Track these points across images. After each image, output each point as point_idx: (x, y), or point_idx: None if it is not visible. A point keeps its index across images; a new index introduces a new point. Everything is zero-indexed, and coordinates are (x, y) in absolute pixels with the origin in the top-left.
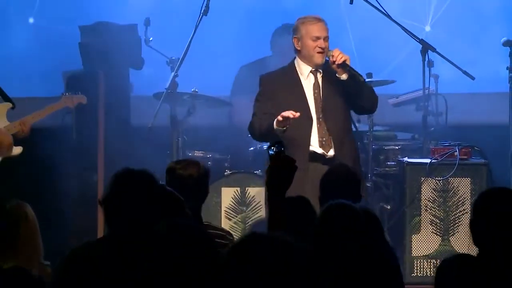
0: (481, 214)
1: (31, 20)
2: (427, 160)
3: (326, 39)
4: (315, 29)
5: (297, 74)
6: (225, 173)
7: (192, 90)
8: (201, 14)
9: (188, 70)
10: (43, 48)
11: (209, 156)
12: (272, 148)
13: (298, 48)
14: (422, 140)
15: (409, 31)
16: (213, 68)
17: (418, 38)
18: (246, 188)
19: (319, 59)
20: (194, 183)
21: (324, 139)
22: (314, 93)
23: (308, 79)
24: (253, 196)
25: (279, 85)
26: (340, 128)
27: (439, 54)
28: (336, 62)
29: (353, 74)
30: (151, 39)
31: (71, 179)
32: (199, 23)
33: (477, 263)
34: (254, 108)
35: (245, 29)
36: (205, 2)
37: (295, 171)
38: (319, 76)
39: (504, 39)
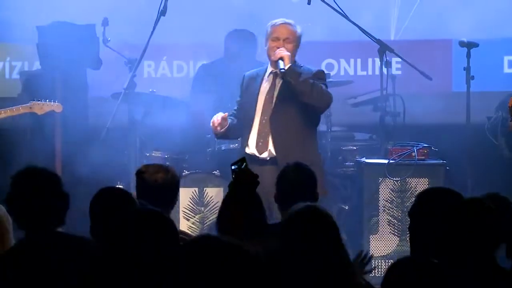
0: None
1: None
2: (385, 161)
3: (287, 40)
4: (275, 30)
5: (265, 74)
6: (183, 173)
7: (150, 90)
8: (159, 14)
9: (146, 70)
10: None
11: (166, 157)
12: (236, 164)
13: (266, 49)
14: (380, 140)
15: (366, 32)
16: (170, 68)
17: (375, 39)
18: (204, 189)
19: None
20: (161, 188)
21: (261, 141)
22: (267, 95)
23: (268, 80)
24: (211, 197)
25: (247, 83)
26: (286, 131)
27: (396, 54)
28: (272, 58)
29: (283, 73)
30: (109, 39)
31: None
32: (157, 23)
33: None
34: None
35: (203, 29)
36: (163, 2)
37: (256, 187)
38: (278, 79)
39: (462, 40)
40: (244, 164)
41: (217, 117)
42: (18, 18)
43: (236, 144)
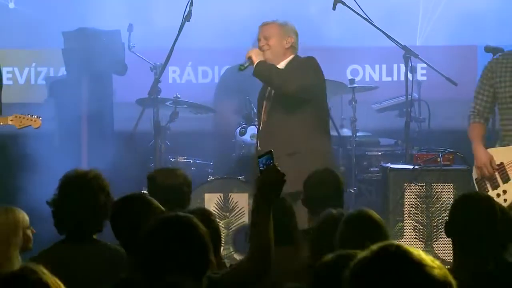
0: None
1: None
2: (410, 166)
3: (266, 38)
4: (258, 33)
5: None
6: (208, 179)
7: (175, 96)
8: (184, 19)
9: (171, 76)
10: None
11: (192, 162)
12: (262, 157)
13: None
14: (405, 146)
15: (392, 37)
16: (195, 74)
17: (400, 44)
18: (229, 194)
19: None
20: (174, 191)
21: (262, 134)
22: (268, 95)
23: None
24: (236, 202)
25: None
26: (274, 125)
27: (421, 60)
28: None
29: (245, 68)
30: (134, 45)
31: (54, 185)
32: (181, 28)
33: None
34: None
35: (228, 35)
36: (188, 8)
37: (283, 184)
38: None
39: (487, 45)
40: (272, 160)
41: None
42: (44, 24)
43: (259, 149)
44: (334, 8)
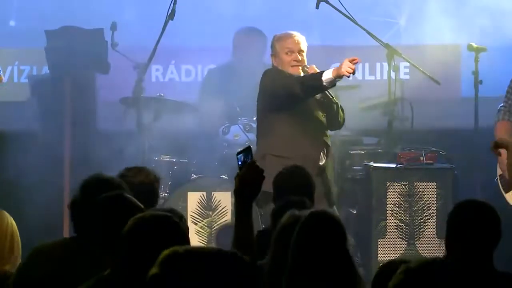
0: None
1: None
2: (393, 165)
3: (300, 52)
4: (288, 43)
5: None
6: (191, 178)
7: (158, 94)
8: (167, 18)
9: (154, 74)
10: None
11: (175, 161)
12: (241, 155)
13: (275, 65)
14: (388, 144)
15: (374, 36)
16: (178, 72)
17: (383, 43)
18: (212, 193)
19: (295, 72)
20: (144, 190)
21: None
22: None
23: None
24: (219, 201)
25: None
26: None
27: (404, 59)
28: (346, 74)
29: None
30: (117, 43)
31: (37, 184)
32: (165, 27)
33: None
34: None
35: (212, 34)
36: (172, 6)
37: (262, 180)
38: None
39: (470, 44)
40: (251, 156)
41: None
42: (26, 23)
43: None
44: (317, 7)
